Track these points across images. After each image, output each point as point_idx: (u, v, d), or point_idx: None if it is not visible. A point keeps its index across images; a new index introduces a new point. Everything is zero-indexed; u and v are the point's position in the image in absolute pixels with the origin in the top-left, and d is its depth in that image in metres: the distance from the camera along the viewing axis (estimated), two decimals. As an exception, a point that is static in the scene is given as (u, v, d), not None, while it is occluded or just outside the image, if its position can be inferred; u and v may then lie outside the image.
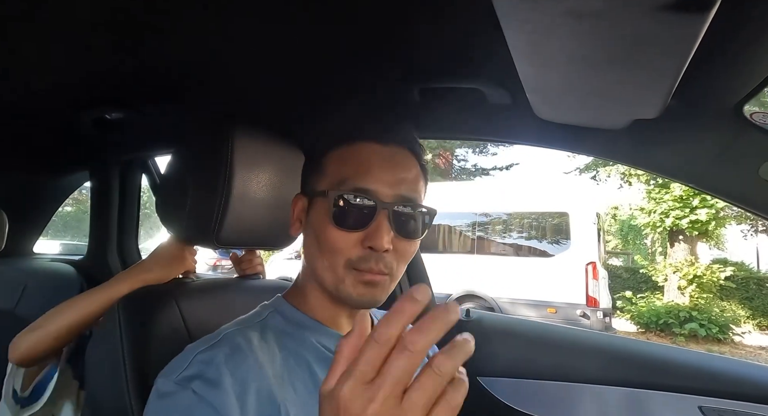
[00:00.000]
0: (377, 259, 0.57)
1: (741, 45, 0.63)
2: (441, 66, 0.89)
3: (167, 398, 0.51)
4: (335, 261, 0.58)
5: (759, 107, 0.72)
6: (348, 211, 0.57)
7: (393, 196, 0.59)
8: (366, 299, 0.59)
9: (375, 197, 0.58)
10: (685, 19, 0.46)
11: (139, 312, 0.68)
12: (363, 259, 0.57)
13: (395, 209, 0.58)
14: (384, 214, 0.57)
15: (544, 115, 0.86)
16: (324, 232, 0.59)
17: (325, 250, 0.59)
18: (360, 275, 0.58)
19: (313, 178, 0.64)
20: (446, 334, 0.31)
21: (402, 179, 0.60)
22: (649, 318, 8.16)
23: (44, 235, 2.03)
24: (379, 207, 0.57)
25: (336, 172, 0.60)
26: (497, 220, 6.70)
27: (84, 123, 1.27)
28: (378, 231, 0.57)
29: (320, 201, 0.61)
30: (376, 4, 0.70)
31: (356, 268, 0.58)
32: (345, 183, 0.58)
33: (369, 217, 0.57)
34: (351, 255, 0.58)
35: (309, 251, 0.63)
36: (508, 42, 0.59)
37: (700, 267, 8.68)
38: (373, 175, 0.58)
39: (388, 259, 0.58)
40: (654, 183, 9.12)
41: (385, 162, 0.60)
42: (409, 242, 0.61)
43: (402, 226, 0.59)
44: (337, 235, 0.58)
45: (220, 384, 0.51)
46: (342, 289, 0.59)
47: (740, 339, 7.83)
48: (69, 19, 0.77)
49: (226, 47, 0.87)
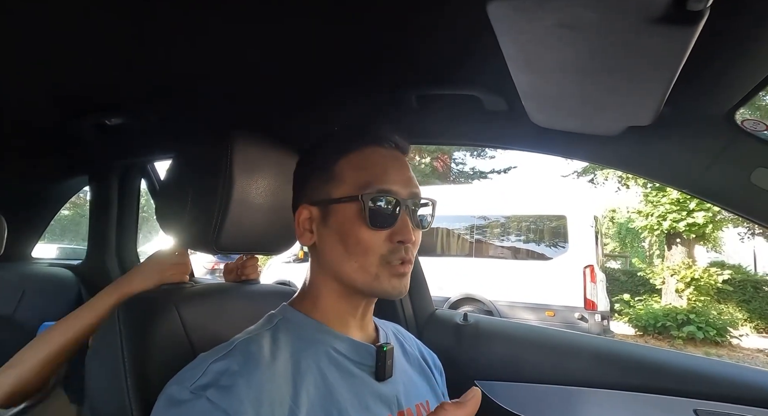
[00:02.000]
0: (405, 250, 0.63)
1: (732, 53, 0.65)
2: (438, 73, 0.90)
3: (181, 406, 0.52)
4: (367, 260, 0.63)
5: (750, 114, 0.73)
6: (378, 212, 0.62)
7: (408, 193, 0.65)
8: (398, 290, 0.64)
9: (396, 196, 0.64)
10: (676, 29, 0.48)
11: (138, 318, 0.68)
12: (394, 252, 0.63)
13: (412, 205, 0.65)
14: (405, 211, 0.64)
15: (540, 122, 0.87)
16: (355, 234, 0.63)
17: (356, 252, 0.63)
18: (392, 269, 0.63)
19: (325, 187, 0.66)
20: (446, 338, 0.33)
21: (410, 177, 0.67)
22: (647, 321, 8.16)
23: (41, 239, 2.02)
24: (402, 204, 0.64)
25: (356, 177, 0.64)
26: (495, 223, 6.70)
27: (83, 128, 1.27)
28: (405, 226, 0.63)
29: (345, 206, 0.64)
30: (374, 12, 0.72)
31: (388, 261, 0.63)
32: (370, 186, 0.63)
33: (395, 215, 0.63)
34: (383, 251, 0.63)
35: (331, 256, 0.65)
36: (503, 51, 0.60)
37: (698, 270, 8.70)
38: (390, 177, 0.64)
39: (410, 249, 0.65)
40: (651, 186, 9.14)
41: (395, 163, 0.66)
42: (421, 231, 0.68)
43: (417, 219, 0.66)
44: (370, 235, 0.62)
45: (235, 392, 0.52)
46: (377, 285, 0.63)
47: (738, 341, 7.84)
48: (68, 23, 0.78)
49: (224, 53, 0.88)
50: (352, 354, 0.64)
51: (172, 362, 0.63)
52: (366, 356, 0.65)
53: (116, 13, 0.74)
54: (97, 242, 1.70)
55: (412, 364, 0.77)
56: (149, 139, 1.40)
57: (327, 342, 0.63)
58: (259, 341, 0.60)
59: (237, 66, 0.93)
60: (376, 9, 0.70)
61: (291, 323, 0.65)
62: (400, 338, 0.79)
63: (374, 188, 0.63)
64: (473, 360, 1.16)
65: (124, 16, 0.75)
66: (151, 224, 8.58)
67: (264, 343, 0.60)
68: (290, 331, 0.63)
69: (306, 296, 0.69)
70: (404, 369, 0.72)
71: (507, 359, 1.14)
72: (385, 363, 0.64)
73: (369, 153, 0.66)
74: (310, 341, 0.63)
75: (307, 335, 0.63)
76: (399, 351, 0.73)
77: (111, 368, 0.64)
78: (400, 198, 0.64)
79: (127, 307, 0.70)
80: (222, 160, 0.76)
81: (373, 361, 0.64)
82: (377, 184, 0.63)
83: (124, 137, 1.36)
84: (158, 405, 0.54)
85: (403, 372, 0.71)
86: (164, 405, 0.53)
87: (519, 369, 1.11)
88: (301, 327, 0.64)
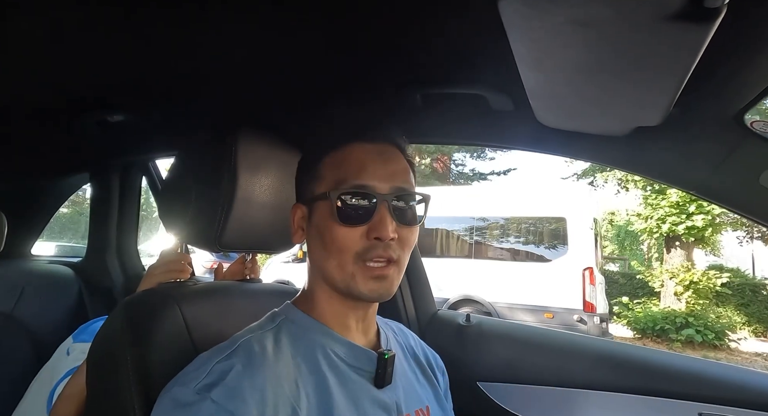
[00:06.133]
0: (384, 247, 0.60)
1: (743, 55, 0.64)
2: (444, 71, 0.89)
3: (187, 408, 0.51)
4: (343, 258, 0.60)
5: (759, 116, 0.73)
6: (350, 208, 0.60)
7: (389, 188, 0.62)
8: (376, 293, 0.61)
9: (373, 191, 0.61)
10: (692, 27, 0.47)
11: (141, 316, 0.68)
12: (370, 249, 0.60)
13: (393, 200, 0.62)
14: (384, 206, 0.61)
15: (547, 122, 0.87)
16: (330, 232, 0.61)
17: (332, 250, 0.61)
18: (369, 270, 0.60)
19: (310, 186, 0.66)
20: (448, 338, 0.32)
21: (394, 171, 0.64)
22: (645, 324, 8.17)
23: (39, 237, 2.01)
24: (379, 200, 0.61)
25: (333, 175, 0.63)
26: (495, 225, 6.70)
27: (85, 125, 1.27)
28: (382, 221, 0.60)
29: (322, 204, 0.63)
30: (379, 10, 0.71)
31: (365, 260, 0.60)
32: (344, 182, 0.61)
33: (371, 211, 0.61)
34: (357, 248, 0.60)
35: (316, 255, 0.65)
36: (512, 49, 0.59)
37: (697, 273, 8.70)
38: (367, 172, 0.62)
39: (394, 247, 0.61)
40: (651, 189, 9.15)
41: (376, 158, 0.63)
42: (410, 229, 0.64)
43: (402, 215, 0.63)
44: (343, 232, 0.60)
45: (239, 392, 0.52)
46: (353, 286, 0.61)
47: (736, 345, 7.85)
48: (70, 22, 0.77)
49: (227, 52, 0.87)
50: (351, 359, 0.63)
51: (174, 360, 0.62)
52: (365, 361, 0.64)
53: (119, 11, 0.74)
54: (97, 239, 1.70)
55: (413, 366, 0.76)
56: (151, 136, 1.40)
57: (327, 344, 0.63)
58: (262, 340, 0.59)
59: (240, 65, 0.93)
60: (382, 6, 0.70)
61: (293, 323, 0.64)
62: (401, 339, 0.78)
63: (349, 184, 0.61)
64: (475, 361, 1.15)
65: (127, 14, 0.74)
66: (150, 222, 8.57)
67: (267, 343, 0.59)
68: (292, 331, 0.63)
69: (306, 295, 0.68)
70: (405, 373, 0.71)
71: (509, 360, 1.13)
72: (385, 371, 0.63)
73: (350, 150, 0.64)
74: (310, 343, 0.62)
75: (308, 336, 0.63)
76: (400, 354, 0.72)
77: (113, 365, 0.63)
78: (377, 193, 0.61)
79: (129, 305, 0.69)
80: (226, 157, 0.76)
81: (372, 367, 0.63)
82: (352, 179, 0.61)
83: (125, 134, 1.36)
84: (162, 405, 0.53)
85: (403, 376, 0.70)
86: (169, 407, 0.52)
87: (521, 370, 1.10)
88: (302, 328, 0.64)
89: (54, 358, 1.14)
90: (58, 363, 1.10)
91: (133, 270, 1.74)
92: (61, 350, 1.16)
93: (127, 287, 1.65)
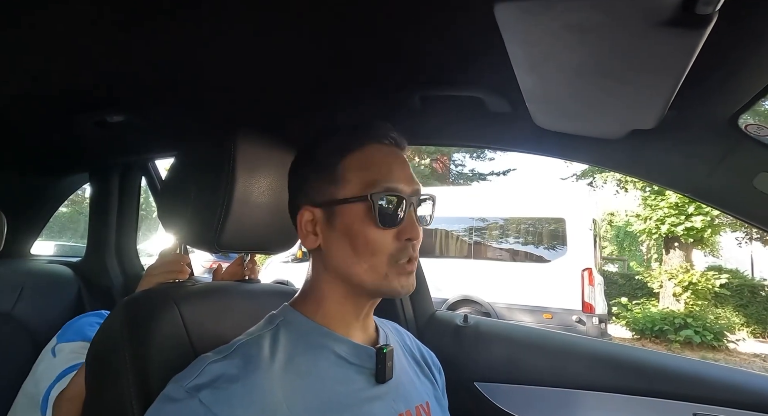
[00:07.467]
0: (413, 248, 0.63)
1: (737, 58, 0.65)
2: (442, 74, 0.90)
3: (173, 404, 0.52)
4: (377, 260, 0.62)
5: (754, 119, 0.73)
6: (386, 211, 0.62)
7: (411, 190, 0.64)
8: (407, 288, 0.64)
9: (401, 194, 0.63)
10: (684, 33, 0.48)
11: (140, 316, 0.68)
12: (402, 251, 0.62)
13: (415, 202, 0.65)
14: (411, 208, 0.64)
15: (543, 124, 0.87)
16: (364, 235, 0.61)
17: (365, 253, 0.61)
18: (400, 268, 0.62)
19: (329, 188, 0.64)
20: (446, 339, 0.32)
21: (411, 175, 0.66)
22: (644, 325, 8.18)
23: (39, 236, 2.02)
24: (407, 202, 0.63)
25: (361, 177, 0.63)
26: (494, 225, 6.70)
27: (85, 125, 1.27)
28: (413, 223, 0.63)
29: (351, 207, 0.62)
30: (379, 13, 0.71)
31: (397, 260, 0.62)
32: (375, 185, 0.62)
33: (402, 213, 0.63)
34: (392, 250, 0.62)
35: (339, 259, 0.63)
36: (509, 52, 0.60)
37: (695, 274, 8.70)
38: (395, 174, 0.63)
39: (417, 246, 0.65)
40: (650, 190, 9.15)
41: (397, 160, 0.66)
42: (424, 228, 0.67)
43: (422, 216, 0.66)
44: (379, 235, 0.61)
45: (228, 397, 0.52)
46: (386, 285, 0.62)
47: (735, 346, 7.85)
48: (69, 22, 0.78)
49: (227, 52, 0.88)
50: (353, 357, 0.63)
51: (172, 361, 0.63)
52: (366, 358, 0.64)
53: (119, 11, 0.74)
54: (96, 239, 1.70)
55: (412, 364, 0.76)
56: (150, 136, 1.40)
57: (328, 345, 0.63)
58: (260, 343, 0.60)
59: (240, 66, 0.93)
60: (381, 10, 0.70)
61: (292, 325, 0.64)
62: (398, 338, 0.78)
63: (381, 187, 0.61)
64: (473, 361, 1.16)
65: (127, 14, 0.75)
66: (149, 222, 8.57)
67: (264, 345, 0.60)
68: (291, 333, 0.63)
69: (308, 298, 0.67)
70: (404, 369, 0.72)
71: (507, 361, 1.14)
72: (384, 365, 0.64)
73: (371, 151, 0.64)
74: (310, 344, 0.62)
75: (308, 338, 0.63)
76: (399, 351, 0.73)
77: (112, 366, 0.64)
78: (405, 195, 0.63)
79: (128, 305, 0.70)
80: (225, 158, 0.76)
81: (372, 363, 0.64)
82: (384, 182, 0.62)
83: (125, 134, 1.36)
84: (156, 401, 0.54)
85: (403, 373, 0.70)
86: (160, 402, 0.54)
87: (519, 371, 1.11)
88: (302, 330, 0.64)
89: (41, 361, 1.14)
90: (46, 367, 1.10)
91: (133, 270, 1.74)
92: (46, 352, 1.15)
93: (126, 287, 1.66)
